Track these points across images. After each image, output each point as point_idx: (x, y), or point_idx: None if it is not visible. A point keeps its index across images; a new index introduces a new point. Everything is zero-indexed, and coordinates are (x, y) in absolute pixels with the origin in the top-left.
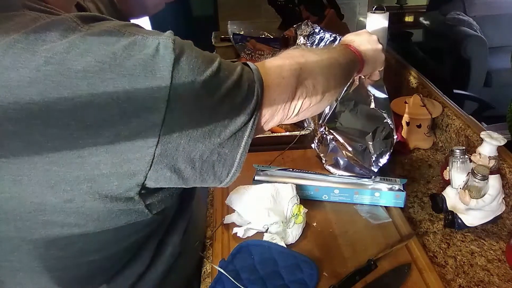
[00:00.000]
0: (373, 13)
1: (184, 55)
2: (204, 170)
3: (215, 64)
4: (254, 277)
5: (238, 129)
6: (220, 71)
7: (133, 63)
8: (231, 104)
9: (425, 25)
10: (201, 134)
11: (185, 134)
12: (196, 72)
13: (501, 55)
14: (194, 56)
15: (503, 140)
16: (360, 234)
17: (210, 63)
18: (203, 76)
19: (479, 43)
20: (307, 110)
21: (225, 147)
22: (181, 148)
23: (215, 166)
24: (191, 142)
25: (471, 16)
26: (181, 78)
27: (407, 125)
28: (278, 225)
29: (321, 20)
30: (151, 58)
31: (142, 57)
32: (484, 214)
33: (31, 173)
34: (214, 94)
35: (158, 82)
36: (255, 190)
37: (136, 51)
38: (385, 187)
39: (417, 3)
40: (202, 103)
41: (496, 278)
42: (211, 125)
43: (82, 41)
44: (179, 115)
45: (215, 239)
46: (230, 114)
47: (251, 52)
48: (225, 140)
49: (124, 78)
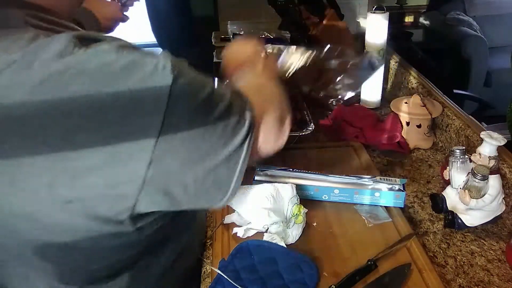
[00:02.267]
0: (373, 13)
1: (182, 77)
2: (198, 194)
3: (208, 87)
4: (254, 277)
5: (232, 153)
6: (213, 93)
7: (131, 84)
8: (224, 128)
9: (425, 25)
10: (194, 157)
11: (178, 157)
12: (192, 94)
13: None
14: (191, 77)
15: (503, 140)
16: (360, 234)
17: (204, 86)
18: (198, 99)
19: (479, 43)
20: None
21: (220, 171)
22: (173, 171)
23: (210, 190)
24: (184, 166)
25: (471, 16)
26: (178, 99)
27: (407, 125)
28: (278, 225)
29: (321, 20)
30: (150, 77)
31: (140, 77)
32: (484, 214)
33: (27, 182)
34: (208, 117)
35: (154, 102)
36: (255, 190)
37: (134, 71)
38: (385, 187)
39: (417, 3)
40: (195, 126)
41: (496, 278)
42: (204, 148)
43: (78, 63)
44: (172, 137)
45: (215, 239)
46: (224, 137)
47: None
48: (219, 164)
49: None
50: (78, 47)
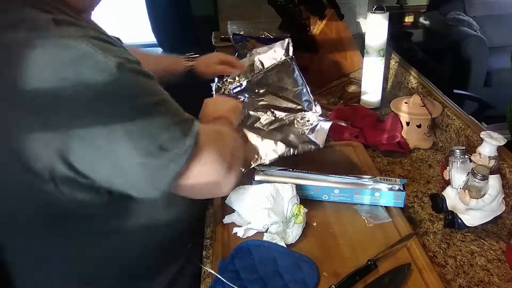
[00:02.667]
0: (373, 13)
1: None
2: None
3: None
4: (254, 277)
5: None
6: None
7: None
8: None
9: (425, 25)
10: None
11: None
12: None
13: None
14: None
15: (503, 140)
16: (360, 234)
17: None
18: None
19: (479, 43)
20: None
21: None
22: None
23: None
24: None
25: (471, 16)
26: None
27: (407, 125)
28: (278, 225)
29: (321, 20)
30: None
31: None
32: (484, 214)
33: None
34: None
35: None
36: (255, 190)
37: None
38: (385, 187)
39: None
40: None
41: (496, 278)
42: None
43: (45, 41)
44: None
45: (215, 239)
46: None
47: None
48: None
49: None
50: (52, 29)
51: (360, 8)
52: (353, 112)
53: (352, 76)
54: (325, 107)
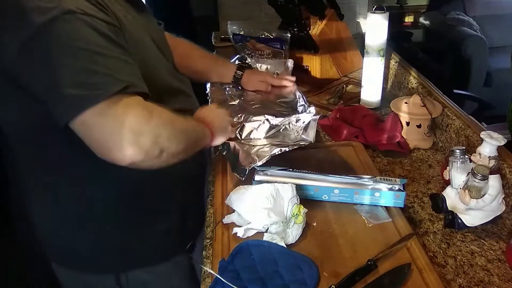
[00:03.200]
0: (373, 13)
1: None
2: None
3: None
4: (254, 277)
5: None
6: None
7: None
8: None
9: (425, 25)
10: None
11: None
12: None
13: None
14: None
15: (503, 140)
16: (360, 234)
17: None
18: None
19: (479, 43)
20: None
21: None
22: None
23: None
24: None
25: (471, 16)
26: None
27: (407, 125)
28: (278, 225)
29: (321, 20)
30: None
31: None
32: (484, 214)
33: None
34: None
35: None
36: (255, 190)
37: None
38: (385, 187)
39: (417, 3)
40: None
41: (496, 278)
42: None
43: None
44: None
45: (215, 239)
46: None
47: (251, 52)
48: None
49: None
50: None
51: (360, 8)
52: (353, 112)
53: (352, 76)
54: (325, 107)
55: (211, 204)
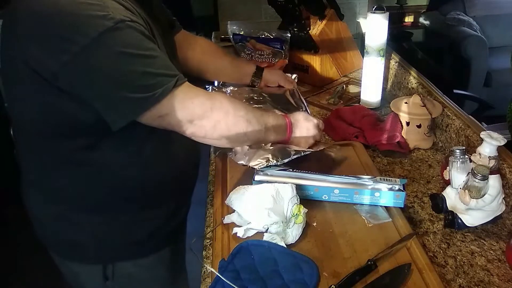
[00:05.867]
0: (373, 13)
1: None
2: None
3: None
4: (254, 277)
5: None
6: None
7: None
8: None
9: (425, 25)
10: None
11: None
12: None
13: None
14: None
15: (503, 140)
16: (360, 234)
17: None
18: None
19: (479, 43)
20: (202, 139)
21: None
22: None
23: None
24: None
25: (471, 16)
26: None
27: (407, 125)
28: (278, 225)
29: (321, 20)
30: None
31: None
32: (484, 214)
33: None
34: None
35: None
36: (255, 190)
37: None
38: (385, 187)
39: (417, 3)
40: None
41: (496, 278)
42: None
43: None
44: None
45: (215, 239)
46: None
47: (251, 52)
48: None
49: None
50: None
51: (360, 8)
52: (353, 112)
53: (352, 76)
54: (325, 107)
55: (211, 204)
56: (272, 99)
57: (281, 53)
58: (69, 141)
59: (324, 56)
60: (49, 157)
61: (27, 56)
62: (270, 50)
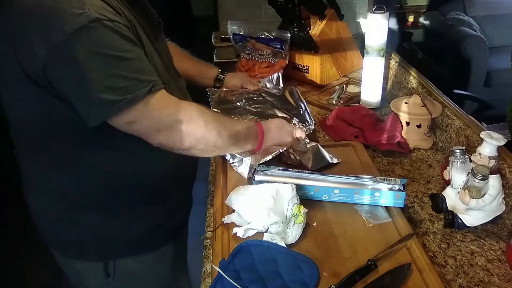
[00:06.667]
0: (373, 13)
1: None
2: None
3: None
4: (254, 277)
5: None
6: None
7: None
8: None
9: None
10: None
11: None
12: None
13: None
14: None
15: (503, 140)
16: (360, 234)
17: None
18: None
19: (479, 43)
20: (170, 149)
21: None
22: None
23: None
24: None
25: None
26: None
27: (407, 125)
28: (278, 225)
29: (321, 20)
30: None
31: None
32: (484, 214)
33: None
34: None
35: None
36: (255, 190)
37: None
38: (385, 187)
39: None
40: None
41: (496, 278)
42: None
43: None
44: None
45: (215, 239)
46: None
47: (251, 52)
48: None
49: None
50: None
51: (360, 8)
52: (353, 112)
53: (352, 76)
54: (325, 107)
55: (211, 204)
56: (272, 99)
57: (281, 53)
58: (65, 141)
59: (324, 56)
60: (47, 157)
61: (14, 54)
62: (270, 50)
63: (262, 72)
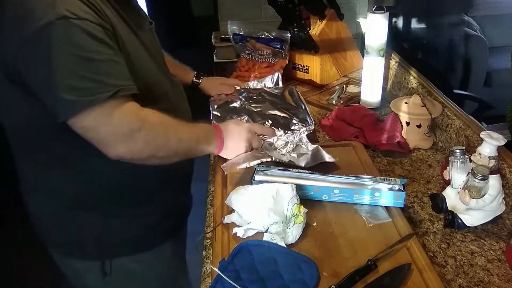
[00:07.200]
0: (373, 13)
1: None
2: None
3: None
4: (254, 277)
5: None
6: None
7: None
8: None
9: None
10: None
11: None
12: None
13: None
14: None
15: (503, 140)
16: (360, 234)
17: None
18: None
19: (479, 43)
20: (130, 160)
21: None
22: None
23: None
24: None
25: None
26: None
27: (407, 125)
28: (278, 225)
29: (321, 20)
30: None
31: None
32: (484, 214)
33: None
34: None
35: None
36: (255, 190)
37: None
38: (385, 187)
39: None
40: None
41: (496, 278)
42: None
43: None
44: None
45: (215, 239)
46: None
47: (251, 52)
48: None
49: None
50: None
51: (360, 8)
52: (353, 112)
53: (352, 76)
54: (325, 107)
55: (211, 204)
56: (272, 99)
57: (281, 53)
58: (63, 141)
59: (324, 56)
60: (44, 158)
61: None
62: (270, 50)
63: (262, 72)
